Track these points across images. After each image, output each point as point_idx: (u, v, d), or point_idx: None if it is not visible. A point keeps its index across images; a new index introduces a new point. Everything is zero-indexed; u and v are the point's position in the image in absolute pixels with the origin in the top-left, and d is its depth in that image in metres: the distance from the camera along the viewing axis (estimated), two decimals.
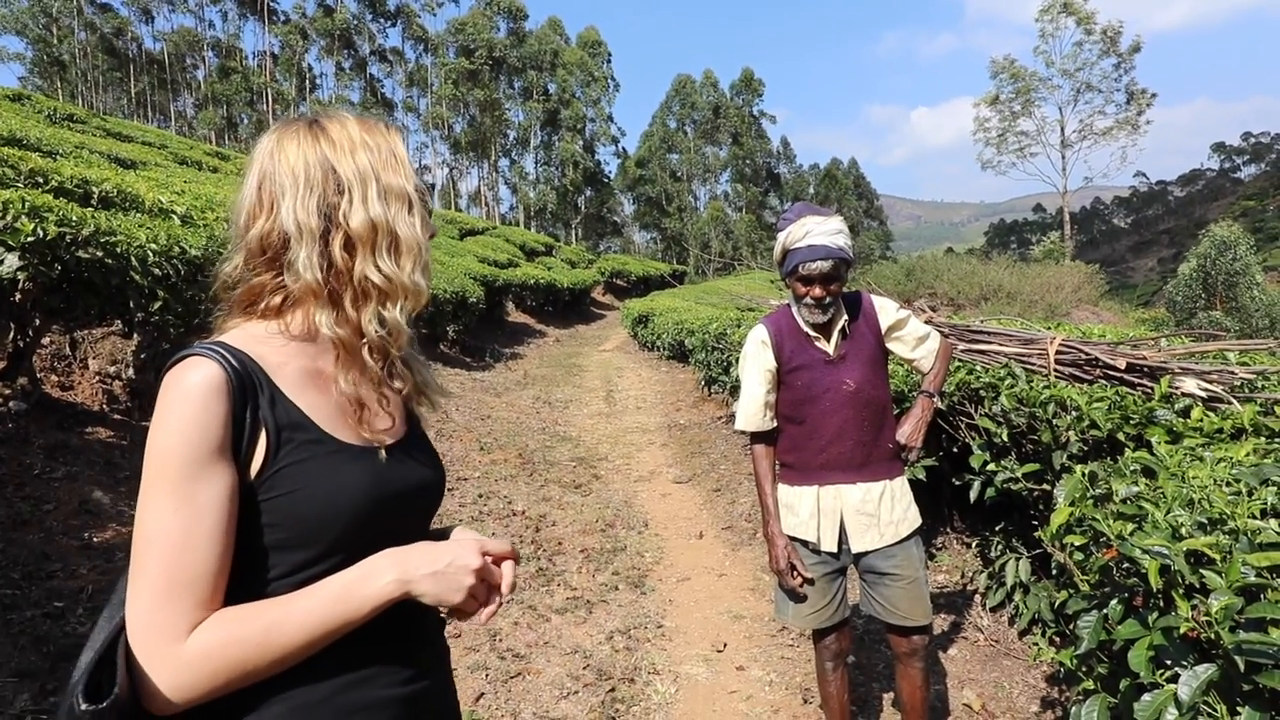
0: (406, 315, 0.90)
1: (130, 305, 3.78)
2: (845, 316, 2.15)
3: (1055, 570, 2.61)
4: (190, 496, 0.74)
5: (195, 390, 0.76)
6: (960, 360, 3.36)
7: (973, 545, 3.63)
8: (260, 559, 0.80)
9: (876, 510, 2.11)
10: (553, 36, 54.94)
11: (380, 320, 0.88)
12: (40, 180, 4.58)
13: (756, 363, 2.19)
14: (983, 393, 2.98)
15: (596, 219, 57.57)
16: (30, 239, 3.18)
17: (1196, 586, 1.25)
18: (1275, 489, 1.42)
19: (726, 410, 7.67)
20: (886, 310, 2.22)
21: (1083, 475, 1.73)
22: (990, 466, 2.74)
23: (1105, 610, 1.44)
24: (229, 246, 0.91)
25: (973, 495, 2.84)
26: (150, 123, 46.20)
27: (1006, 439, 2.76)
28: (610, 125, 55.50)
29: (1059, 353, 2.95)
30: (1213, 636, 1.18)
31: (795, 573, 2.12)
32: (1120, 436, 2.33)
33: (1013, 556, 3.05)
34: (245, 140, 49.27)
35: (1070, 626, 2.33)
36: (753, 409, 2.20)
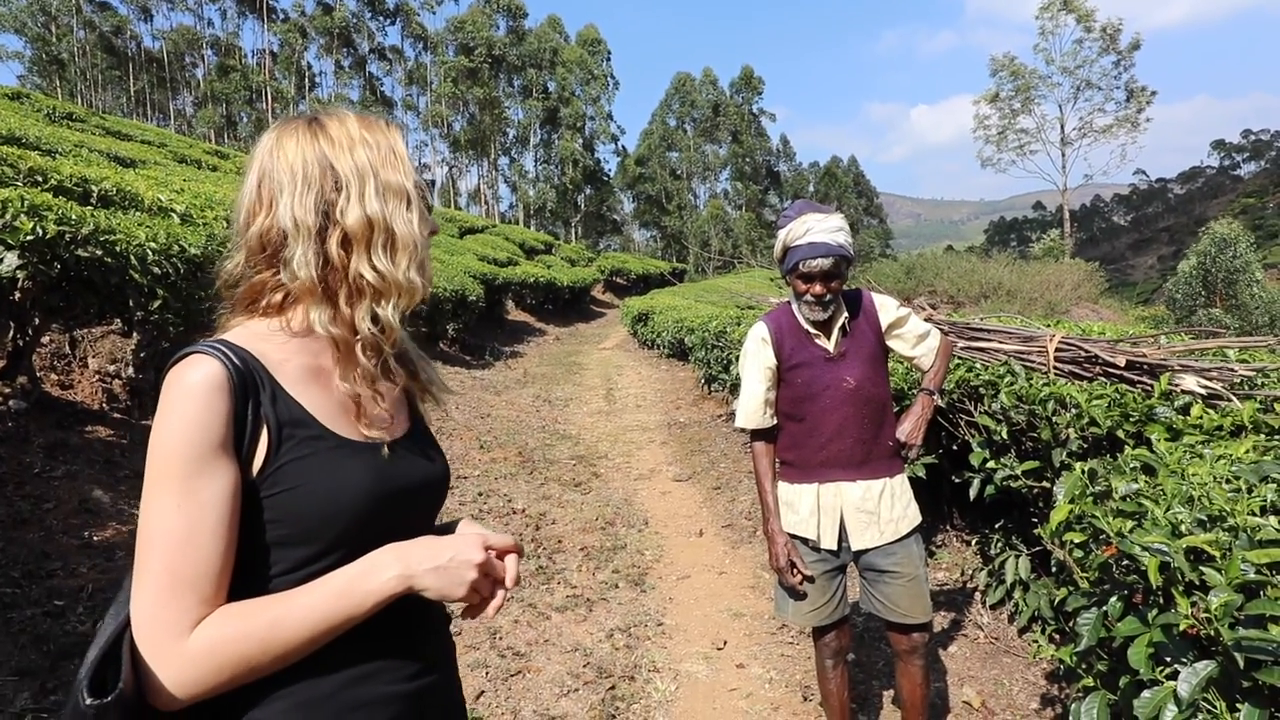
0: (400, 312, 0.90)
1: (130, 304, 3.78)
2: (845, 314, 2.15)
3: (1055, 567, 2.62)
4: (193, 493, 0.74)
5: (197, 388, 0.76)
6: (960, 358, 3.36)
7: (972, 543, 3.64)
8: (263, 555, 0.81)
9: (876, 508, 2.11)
10: (552, 34, 54.86)
11: (373, 317, 0.88)
12: (39, 179, 4.57)
13: (757, 360, 2.19)
14: (982, 390, 2.98)
15: (596, 217, 57.51)
16: (29, 237, 3.18)
17: (1196, 583, 1.26)
18: (1275, 486, 1.42)
19: (726, 408, 7.68)
20: (887, 308, 2.22)
21: (1082, 472, 1.73)
22: (990, 464, 2.75)
23: (1105, 607, 1.44)
24: (230, 244, 0.91)
25: (972, 493, 2.84)
26: (149, 121, 46.18)
27: (1006, 436, 2.76)
28: (610, 123, 55.42)
29: (1059, 350, 2.95)
30: (1212, 633, 1.18)
31: (795, 570, 2.12)
32: (1120, 434, 2.33)
33: (1012, 554, 3.05)
34: (244, 139, 49.22)
35: (1070, 624, 2.33)
36: (753, 406, 2.20)
